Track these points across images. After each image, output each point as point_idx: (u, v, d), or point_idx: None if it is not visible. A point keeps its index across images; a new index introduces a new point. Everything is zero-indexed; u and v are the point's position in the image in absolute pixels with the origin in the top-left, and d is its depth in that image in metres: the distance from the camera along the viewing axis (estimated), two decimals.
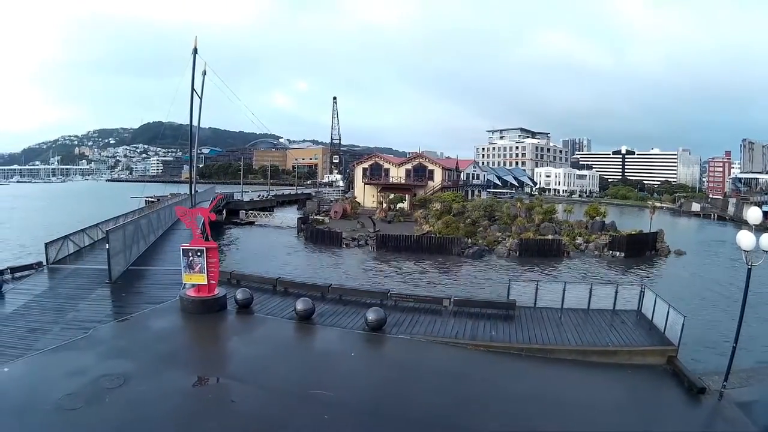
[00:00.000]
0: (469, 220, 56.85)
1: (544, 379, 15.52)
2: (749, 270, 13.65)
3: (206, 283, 20.35)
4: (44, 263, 27.46)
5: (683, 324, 16.58)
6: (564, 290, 21.57)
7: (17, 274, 25.45)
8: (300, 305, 19.46)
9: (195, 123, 44.45)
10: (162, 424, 11.57)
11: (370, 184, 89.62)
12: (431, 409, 12.79)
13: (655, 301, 19.29)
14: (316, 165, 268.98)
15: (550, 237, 51.15)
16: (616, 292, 21.67)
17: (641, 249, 50.50)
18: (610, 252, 49.06)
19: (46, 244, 28.32)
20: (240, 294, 20.95)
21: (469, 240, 50.44)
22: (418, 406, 12.86)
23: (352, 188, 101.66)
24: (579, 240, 51.65)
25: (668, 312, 17.84)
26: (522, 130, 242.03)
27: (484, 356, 16.80)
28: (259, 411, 12.34)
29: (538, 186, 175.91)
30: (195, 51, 42.69)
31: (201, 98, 44.78)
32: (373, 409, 12.65)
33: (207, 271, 20.25)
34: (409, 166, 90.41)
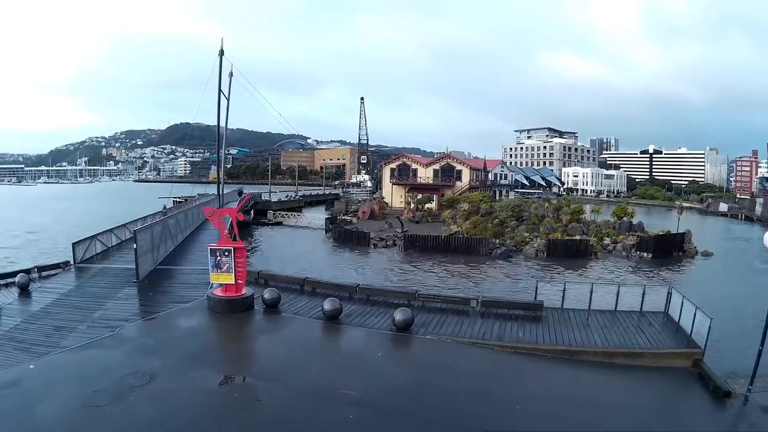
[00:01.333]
0: (497, 220, 56.77)
1: (570, 381, 15.36)
2: None
3: (234, 282, 20.45)
4: (71, 263, 27.97)
5: (710, 326, 16.27)
6: (591, 291, 21.31)
7: (44, 273, 25.97)
8: (327, 305, 19.44)
9: (222, 124, 44.80)
10: (187, 422, 11.59)
11: (398, 184, 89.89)
12: (456, 410, 12.69)
13: (682, 302, 18.92)
14: (344, 165, 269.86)
15: (577, 237, 51.03)
16: (644, 293, 21.33)
17: (669, 250, 50.02)
18: (638, 253, 48.64)
19: (73, 244, 28.87)
20: (267, 293, 20.99)
21: (497, 240, 50.48)
22: (444, 407, 12.78)
23: (380, 188, 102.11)
24: (606, 240, 51.45)
25: (695, 314, 17.40)
26: (549, 129, 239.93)
27: (511, 357, 16.64)
28: (284, 410, 12.29)
29: (565, 186, 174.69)
30: (221, 53, 43.08)
31: (228, 99, 45.13)
32: (398, 409, 12.57)
33: (234, 270, 20.36)
34: (437, 166, 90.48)
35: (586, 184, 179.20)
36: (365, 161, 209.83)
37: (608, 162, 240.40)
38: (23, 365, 14.36)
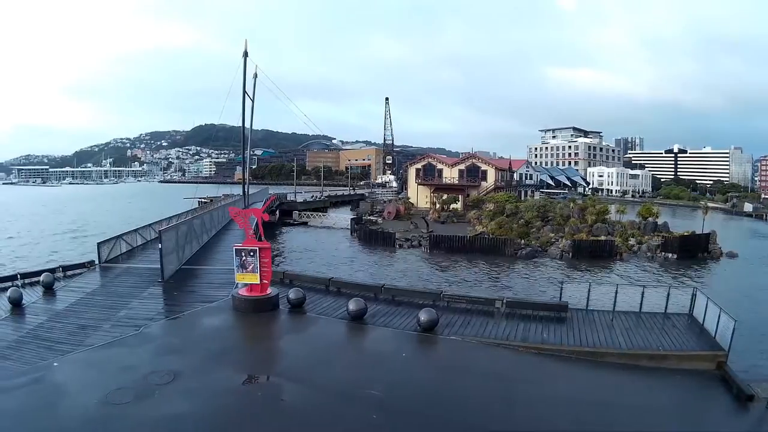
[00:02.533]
0: (522, 220, 56.95)
1: (594, 383, 15.32)
2: None
3: (259, 282, 20.52)
4: (96, 262, 28.31)
5: (734, 329, 16.13)
6: (616, 293, 21.24)
7: (69, 273, 26.33)
8: (352, 305, 19.44)
9: (247, 125, 45.15)
10: (210, 421, 11.62)
11: (423, 184, 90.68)
12: (480, 410, 12.67)
13: (707, 304, 18.76)
14: (369, 166, 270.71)
15: (602, 238, 51.18)
16: (668, 294, 21.16)
17: (694, 251, 49.78)
18: (663, 254, 48.70)
19: (98, 244, 29.30)
20: (292, 293, 21.04)
21: (522, 241, 50.75)
22: (467, 408, 12.75)
23: (406, 189, 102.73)
24: (632, 241, 51.55)
25: (719, 316, 17.36)
26: (574, 129, 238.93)
27: (535, 358, 16.58)
28: (308, 410, 12.31)
29: (590, 186, 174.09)
30: (245, 54, 43.43)
31: (253, 101, 45.50)
32: (421, 410, 12.54)
33: (260, 270, 20.43)
34: (462, 166, 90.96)
35: (612, 184, 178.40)
36: (390, 161, 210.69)
37: (633, 162, 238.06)
38: (47, 362, 14.53)
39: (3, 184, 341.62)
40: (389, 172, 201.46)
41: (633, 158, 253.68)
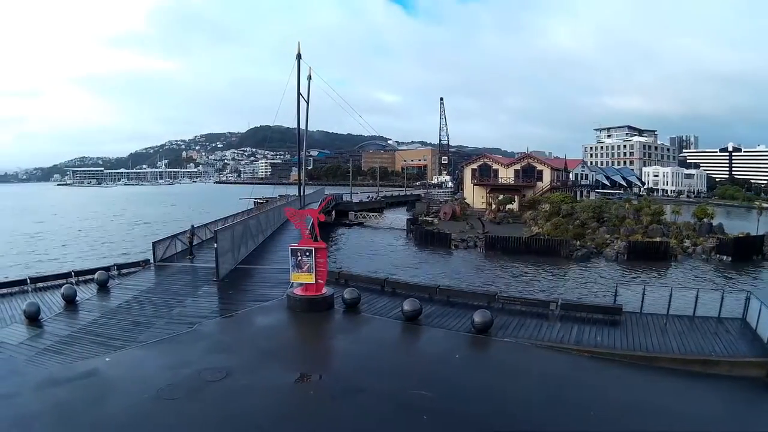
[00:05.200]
0: (577, 221, 56.81)
1: (645, 388, 14.75)
2: None
3: (314, 282, 20.57)
4: (151, 261, 28.99)
5: None
6: (670, 295, 20.56)
7: (124, 271, 27.07)
8: (407, 306, 19.27)
9: (302, 126, 45.62)
10: (262, 419, 11.58)
11: (479, 185, 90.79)
12: (530, 414, 12.43)
13: (760, 309, 17.89)
14: (425, 166, 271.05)
15: (657, 239, 50.61)
16: (722, 298, 20.34)
17: (748, 253, 48.58)
18: (717, 256, 48.05)
19: (153, 243, 30.10)
20: (347, 293, 20.98)
21: (578, 242, 50.63)
22: (517, 411, 12.57)
23: (462, 189, 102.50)
24: (687, 243, 51.24)
25: None
26: (629, 128, 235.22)
27: (588, 362, 16.19)
28: (359, 409, 12.26)
29: (646, 186, 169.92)
30: (299, 56, 43.87)
31: (308, 102, 45.90)
32: (472, 412, 12.37)
33: (315, 270, 20.49)
34: (517, 166, 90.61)
35: (667, 184, 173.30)
36: (446, 162, 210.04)
37: (688, 161, 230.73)
38: (100, 357, 14.86)
39: (57, 185, 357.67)
40: (445, 172, 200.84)
41: (688, 157, 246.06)
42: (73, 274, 25.49)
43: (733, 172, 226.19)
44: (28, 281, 24.18)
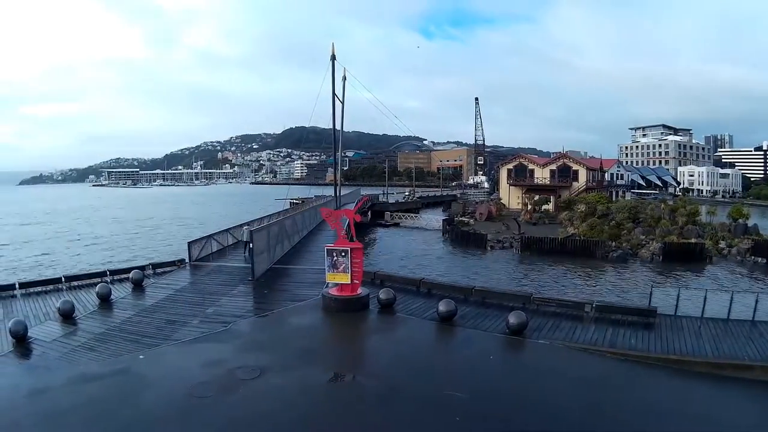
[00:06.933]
0: (613, 222, 56.05)
1: (678, 392, 14.45)
2: None
3: (349, 282, 20.52)
4: (186, 261, 29.26)
5: None
6: (705, 298, 20.09)
7: (158, 270, 27.38)
8: (442, 306, 19.09)
9: (338, 127, 45.85)
10: (295, 418, 11.55)
11: (515, 185, 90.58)
12: (564, 418, 12.14)
13: None
14: (460, 166, 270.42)
15: (693, 241, 50.02)
16: (756, 301, 19.69)
17: None
18: (752, 257, 47.11)
19: (189, 243, 30.34)
20: (383, 294, 20.87)
21: (613, 243, 50.35)
22: (550, 414, 12.30)
23: (497, 189, 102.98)
24: (722, 244, 50.49)
25: None
26: (664, 126, 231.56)
27: (622, 365, 15.83)
28: (391, 409, 12.17)
29: (681, 186, 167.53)
30: (333, 58, 43.94)
31: (343, 103, 45.99)
32: (505, 414, 12.26)
33: (351, 270, 20.45)
34: (553, 166, 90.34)
35: (702, 184, 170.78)
36: (482, 162, 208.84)
37: (723, 160, 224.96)
38: (133, 355, 15.00)
39: (92, 186, 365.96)
40: (481, 172, 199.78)
41: (723, 157, 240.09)
42: (108, 273, 25.87)
43: None
44: (63, 280, 24.61)
